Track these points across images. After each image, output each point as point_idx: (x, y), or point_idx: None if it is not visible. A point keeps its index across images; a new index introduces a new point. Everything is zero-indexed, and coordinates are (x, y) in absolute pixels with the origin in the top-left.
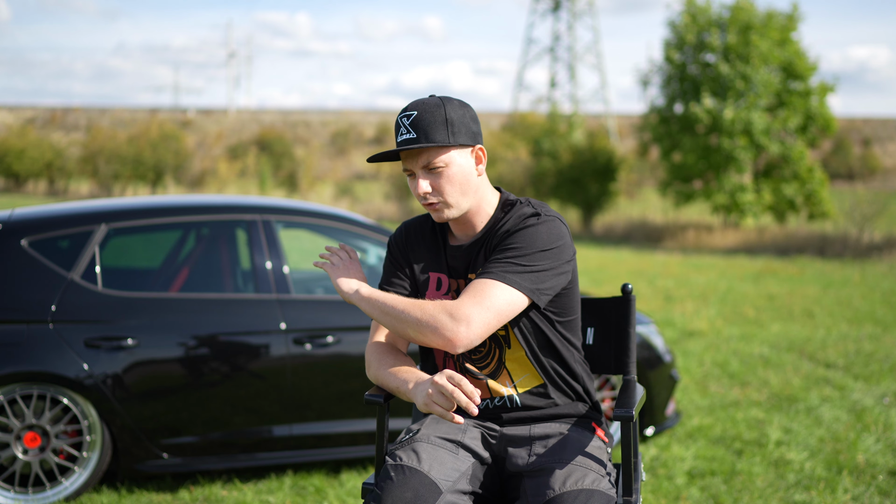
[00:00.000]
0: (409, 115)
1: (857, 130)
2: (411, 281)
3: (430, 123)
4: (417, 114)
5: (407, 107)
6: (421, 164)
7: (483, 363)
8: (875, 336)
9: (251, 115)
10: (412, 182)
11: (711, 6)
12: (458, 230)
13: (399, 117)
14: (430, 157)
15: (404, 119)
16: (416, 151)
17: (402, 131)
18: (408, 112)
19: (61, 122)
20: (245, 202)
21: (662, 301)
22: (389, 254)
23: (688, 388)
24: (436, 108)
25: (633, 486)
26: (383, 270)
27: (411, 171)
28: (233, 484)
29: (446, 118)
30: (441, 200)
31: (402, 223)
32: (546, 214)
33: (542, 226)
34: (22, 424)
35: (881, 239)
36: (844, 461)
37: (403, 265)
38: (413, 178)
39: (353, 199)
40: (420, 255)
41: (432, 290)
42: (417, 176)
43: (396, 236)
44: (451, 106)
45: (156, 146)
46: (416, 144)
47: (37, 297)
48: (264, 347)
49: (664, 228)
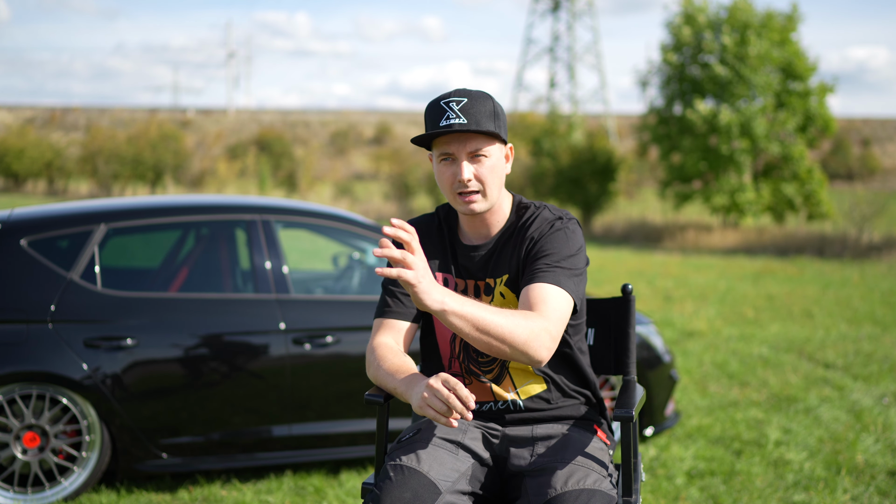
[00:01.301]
0: (458, 101)
1: (857, 131)
2: None
3: (481, 112)
4: (468, 101)
5: (452, 93)
6: (468, 150)
7: (487, 367)
8: (874, 336)
9: (250, 115)
10: (447, 168)
11: (709, 7)
12: (472, 229)
13: (442, 102)
14: (478, 144)
15: (452, 104)
16: (464, 136)
17: (451, 115)
18: (456, 98)
19: (60, 121)
20: (244, 202)
21: (662, 301)
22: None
23: (687, 388)
24: (485, 99)
25: (632, 487)
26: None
27: (450, 156)
28: (232, 484)
29: (494, 111)
30: (480, 189)
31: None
32: (568, 218)
33: (571, 230)
34: (21, 424)
35: (880, 239)
36: (843, 461)
37: None
38: (451, 163)
39: (353, 200)
40: (428, 255)
41: None
42: (460, 161)
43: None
44: (495, 101)
45: (155, 146)
46: (469, 128)
47: (36, 297)
48: (264, 347)
49: (663, 229)
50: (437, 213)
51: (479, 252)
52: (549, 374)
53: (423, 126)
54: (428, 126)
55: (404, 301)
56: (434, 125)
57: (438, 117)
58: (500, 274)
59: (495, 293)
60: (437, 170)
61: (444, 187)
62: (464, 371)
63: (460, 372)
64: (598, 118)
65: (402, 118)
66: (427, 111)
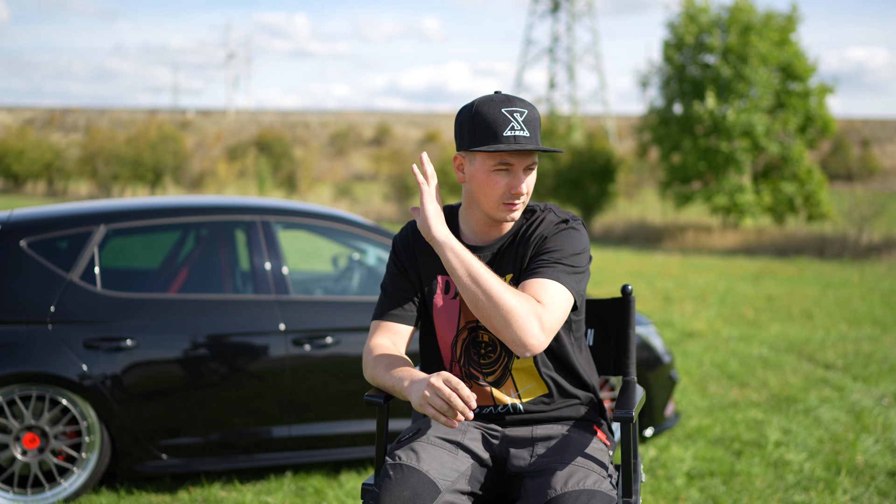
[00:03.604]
0: (520, 112)
1: (856, 131)
2: (417, 283)
3: (537, 126)
4: (528, 113)
5: (510, 100)
6: (527, 163)
7: (489, 370)
8: (874, 337)
9: (250, 115)
10: (501, 177)
11: (710, 7)
12: (482, 231)
13: (504, 110)
14: (535, 158)
15: (515, 114)
16: (527, 150)
17: (516, 128)
18: (518, 108)
19: (60, 122)
20: (244, 203)
21: (661, 302)
22: (395, 254)
23: (687, 388)
24: (536, 109)
25: (632, 487)
26: (387, 271)
27: (509, 168)
28: (232, 485)
29: (541, 122)
30: (524, 199)
31: (407, 223)
32: (573, 219)
33: (576, 230)
34: (21, 425)
35: (880, 240)
36: (843, 462)
37: (409, 267)
38: (506, 173)
39: (352, 200)
40: (428, 256)
41: (440, 293)
42: (518, 173)
43: (402, 237)
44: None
45: (155, 147)
46: (532, 145)
47: (36, 298)
48: (263, 348)
49: (663, 229)
50: None
51: (484, 254)
52: (550, 375)
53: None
54: (486, 132)
55: (403, 304)
56: (496, 134)
57: (502, 127)
58: (504, 274)
59: None
60: (486, 177)
61: (489, 195)
62: (464, 374)
63: (461, 375)
64: (598, 119)
65: (401, 119)
66: (484, 115)
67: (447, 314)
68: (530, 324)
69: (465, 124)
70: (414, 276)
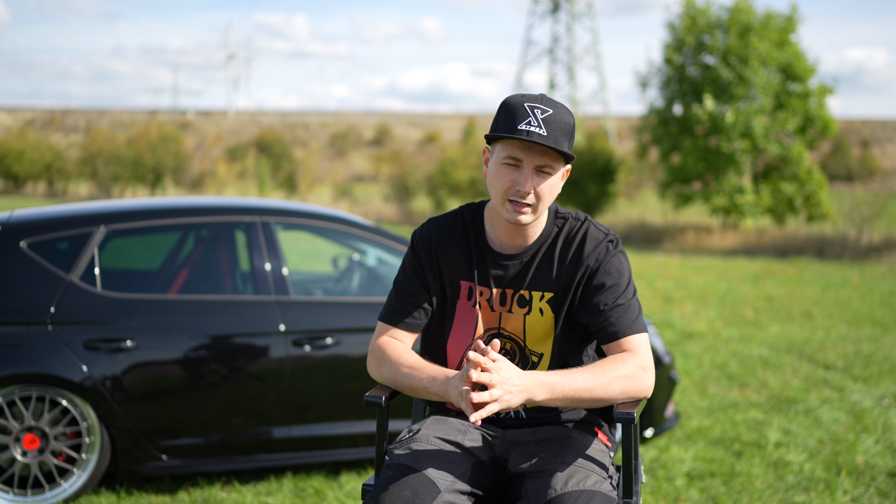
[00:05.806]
0: (543, 110)
1: (856, 132)
2: (435, 286)
3: (562, 129)
4: (553, 113)
5: (537, 98)
6: (536, 163)
7: None
8: (874, 337)
9: (250, 116)
10: (509, 172)
11: (710, 8)
12: (508, 237)
13: (526, 104)
14: (548, 160)
15: (536, 111)
16: (538, 148)
17: (532, 122)
18: (541, 105)
19: (60, 123)
20: (244, 204)
21: (662, 302)
22: (413, 253)
23: (687, 389)
24: (568, 116)
25: (633, 488)
26: (402, 267)
27: (517, 163)
28: (232, 486)
29: (572, 129)
30: (533, 204)
31: (427, 220)
32: (616, 239)
33: (622, 253)
34: (21, 426)
35: (880, 240)
36: (844, 462)
37: (429, 270)
38: (514, 169)
39: (353, 201)
40: (452, 259)
41: (463, 299)
42: (526, 171)
43: (423, 236)
44: (574, 117)
45: (155, 148)
46: (547, 143)
47: (36, 299)
48: (263, 349)
49: (663, 230)
50: (461, 214)
51: (515, 261)
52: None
53: (421, 128)
54: (503, 122)
55: (413, 312)
56: (511, 125)
57: (518, 120)
58: (542, 289)
59: (533, 307)
60: (496, 169)
61: (496, 189)
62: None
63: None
64: (598, 119)
65: (401, 119)
66: (506, 107)
67: (466, 321)
68: (643, 379)
69: (496, 115)
70: (432, 279)
